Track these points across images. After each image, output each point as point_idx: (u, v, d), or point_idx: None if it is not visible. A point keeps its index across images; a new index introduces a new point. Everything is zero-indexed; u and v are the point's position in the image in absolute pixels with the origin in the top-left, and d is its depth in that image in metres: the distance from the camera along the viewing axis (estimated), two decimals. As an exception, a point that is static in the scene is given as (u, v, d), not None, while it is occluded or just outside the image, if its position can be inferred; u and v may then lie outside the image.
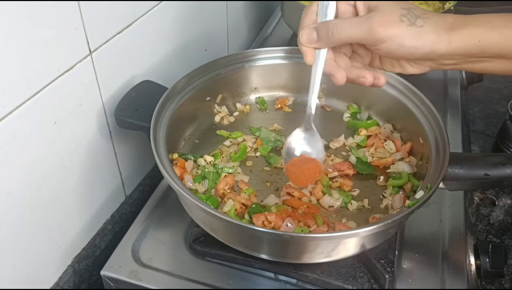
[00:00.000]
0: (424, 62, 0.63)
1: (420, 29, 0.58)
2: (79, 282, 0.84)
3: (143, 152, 0.94)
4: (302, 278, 0.75)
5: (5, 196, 0.65)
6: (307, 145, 0.72)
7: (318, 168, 0.71)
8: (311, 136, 0.72)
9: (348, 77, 0.65)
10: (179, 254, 0.79)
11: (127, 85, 0.85)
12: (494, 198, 1.17)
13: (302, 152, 0.72)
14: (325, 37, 0.61)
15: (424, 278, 0.76)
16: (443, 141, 0.76)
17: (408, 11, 0.58)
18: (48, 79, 0.67)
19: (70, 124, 0.74)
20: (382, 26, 0.58)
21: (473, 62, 0.62)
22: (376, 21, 0.58)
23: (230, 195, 0.79)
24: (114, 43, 0.78)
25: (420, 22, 0.58)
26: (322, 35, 0.61)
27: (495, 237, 1.10)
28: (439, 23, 0.59)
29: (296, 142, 0.72)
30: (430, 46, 0.59)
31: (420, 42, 0.58)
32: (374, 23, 0.58)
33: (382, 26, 0.58)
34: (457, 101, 1.15)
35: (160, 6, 0.88)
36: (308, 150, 0.72)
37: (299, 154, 0.72)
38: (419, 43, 0.58)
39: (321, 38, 0.62)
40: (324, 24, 0.61)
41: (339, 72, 0.64)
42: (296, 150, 0.72)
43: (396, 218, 0.65)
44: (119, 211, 0.92)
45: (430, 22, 0.58)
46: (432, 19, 0.59)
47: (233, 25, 1.27)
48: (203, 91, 0.91)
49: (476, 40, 0.59)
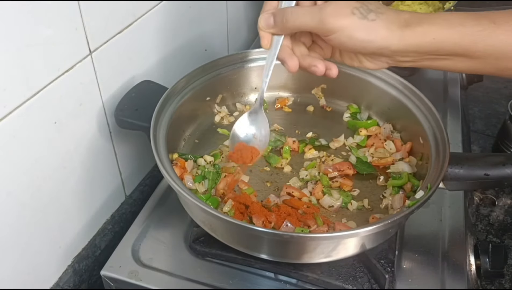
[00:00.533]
0: (380, 57, 0.63)
1: (371, 23, 0.58)
2: (79, 282, 0.84)
3: (143, 152, 0.94)
4: (302, 278, 0.75)
5: (5, 196, 0.65)
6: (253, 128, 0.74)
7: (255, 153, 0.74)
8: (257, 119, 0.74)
9: (301, 64, 0.66)
10: (179, 254, 0.79)
11: (127, 85, 0.85)
12: (494, 198, 1.17)
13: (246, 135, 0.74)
14: (280, 23, 0.63)
15: (424, 278, 0.76)
16: (443, 141, 0.76)
17: (361, 4, 0.59)
18: (48, 79, 0.67)
19: (70, 124, 0.74)
20: (333, 16, 0.58)
21: (431, 59, 0.61)
22: (327, 12, 0.59)
23: (230, 195, 0.79)
24: (114, 43, 0.78)
25: (372, 16, 0.58)
26: (277, 21, 0.63)
27: (495, 237, 1.10)
28: (392, 19, 0.58)
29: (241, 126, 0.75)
30: (381, 41, 0.58)
31: (371, 36, 0.58)
32: (325, 14, 0.59)
33: (332, 17, 0.58)
34: (457, 101, 1.15)
35: (160, 6, 0.88)
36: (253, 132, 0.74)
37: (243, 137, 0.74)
38: (370, 37, 0.58)
39: (277, 24, 0.63)
40: (281, 10, 0.63)
41: (292, 59, 0.65)
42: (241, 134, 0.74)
43: (396, 218, 0.65)
44: (119, 211, 0.92)
45: (383, 17, 0.58)
46: (385, 14, 0.59)
47: (233, 25, 1.27)
48: (203, 91, 0.91)
49: (431, 38, 0.58)
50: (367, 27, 0.58)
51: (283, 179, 0.85)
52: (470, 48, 0.58)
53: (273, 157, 0.88)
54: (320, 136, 0.93)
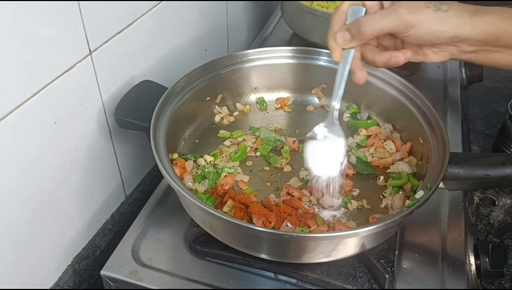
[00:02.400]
0: (447, 47, 0.66)
1: (445, 13, 0.62)
2: (79, 282, 0.84)
3: (143, 152, 0.94)
4: (302, 278, 0.75)
5: (5, 196, 0.65)
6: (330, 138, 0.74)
7: None
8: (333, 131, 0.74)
9: (380, 61, 0.68)
10: (179, 254, 0.79)
11: (127, 85, 0.85)
12: (494, 198, 1.17)
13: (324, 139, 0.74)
14: (358, 35, 0.65)
15: (424, 278, 0.76)
16: (443, 141, 0.76)
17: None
18: (48, 79, 0.67)
19: (70, 124, 0.74)
20: (411, 13, 0.61)
21: (489, 51, 0.66)
22: (404, 9, 0.62)
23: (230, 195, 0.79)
24: (114, 43, 0.78)
25: (445, 7, 0.62)
26: (355, 34, 0.65)
27: (495, 237, 1.10)
28: (463, 9, 0.63)
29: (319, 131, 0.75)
30: (455, 29, 0.62)
31: (446, 26, 0.62)
32: (402, 12, 0.62)
33: (411, 13, 0.61)
34: (457, 101, 1.15)
35: (160, 6, 0.88)
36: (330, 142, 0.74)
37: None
38: (445, 27, 0.62)
39: (354, 36, 0.65)
40: (355, 23, 0.65)
41: (362, 72, 0.69)
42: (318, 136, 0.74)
43: (396, 218, 0.65)
44: (119, 211, 0.92)
45: (454, 7, 0.62)
46: (455, 5, 0.63)
47: (233, 25, 1.27)
48: (203, 91, 0.91)
49: (496, 27, 0.63)
50: (442, 18, 0.62)
51: (283, 179, 0.85)
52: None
53: (273, 157, 0.88)
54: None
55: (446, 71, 1.23)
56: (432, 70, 1.22)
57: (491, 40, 0.64)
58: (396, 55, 0.67)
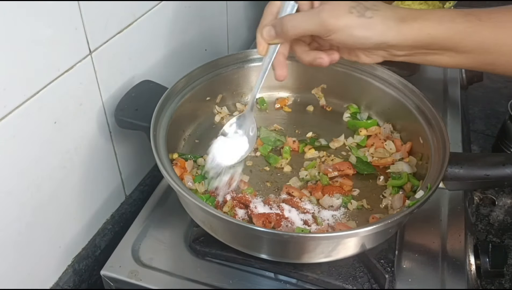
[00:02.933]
0: (377, 51, 0.65)
1: (369, 20, 0.60)
2: (79, 282, 0.84)
3: (143, 152, 0.94)
4: (302, 278, 0.75)
5: (5, 196, 0.65)
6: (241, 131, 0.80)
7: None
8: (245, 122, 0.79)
9: (306, 60, 0.68)
10: (179, 254, 0.79)
11: (127, 85, 0.85)
12: (494, 198, 1.17)
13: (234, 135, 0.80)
14: (281, 33, 0.65)
15: (424, 278, 0.76)
16: (443, 141, 0.76)
17: (357, 3, 0.61)
18: (48, 79, 0.67)
19: (70, 124, 0.74)
20: (332, 18, 0.61)
21: (424, 54, 0.64)
22: (326, 14, 0.61)
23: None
24: (114, 43, 0.78)
25: (369, 13, 0.61)
26: (278, 32, 0.65)
27: (495, 237, 1.10)
28: (389, 15, 0.61)
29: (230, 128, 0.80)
30: (379, 36, 0.61)
31: (369, 33, 0.61)
32: (323, 16, 0.61)
33: (331, 18, 0.60)
34: (457, 101, 1.15)
35: (159, 6, 0.88)
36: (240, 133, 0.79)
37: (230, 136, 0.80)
38: (368, 33, 0.61)
39: (278, 34, 0.65)
40: (280, 20, 0.65)
41: (282, 69, 0.69)
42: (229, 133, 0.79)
43: (396, 218, 0.65)
44: (119, 211, 0.92)
45: (380, 13, 0.61)
46: (381, 11, 0.61)
47: (233, 25, 1.27)
48: (203, 91, 0.91)
49: (426, 33, 0.61)
50: (365, 25, 0.61)
51: (283, 179, 0.85)
52: (459, 44, 0.62)
53: (273, 157, 0.88)
54: (320, 136, 0.93)
55: (446, 71, 1.23)
56: (432, 70, 1.22)
57: (423, 45, 0.62)
58: (320, 56, 0.67)
